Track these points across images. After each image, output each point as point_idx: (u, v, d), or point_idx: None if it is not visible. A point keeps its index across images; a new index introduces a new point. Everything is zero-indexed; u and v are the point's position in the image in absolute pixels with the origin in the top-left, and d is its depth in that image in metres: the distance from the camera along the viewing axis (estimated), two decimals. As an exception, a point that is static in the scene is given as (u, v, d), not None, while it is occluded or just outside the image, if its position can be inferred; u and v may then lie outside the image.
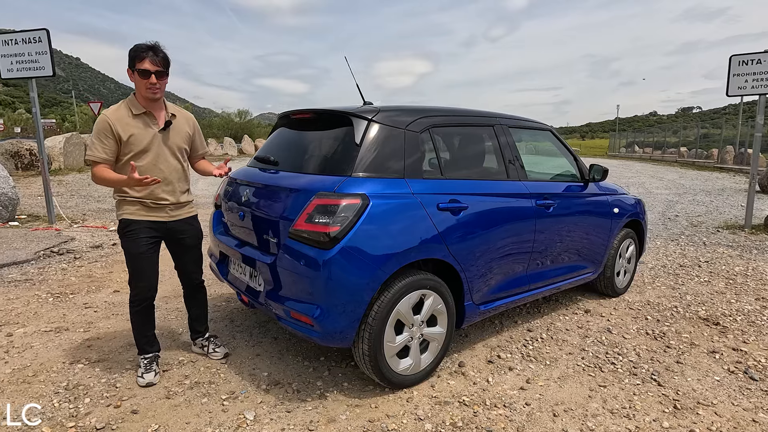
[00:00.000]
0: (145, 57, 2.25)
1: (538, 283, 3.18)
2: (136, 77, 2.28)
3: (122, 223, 2.39)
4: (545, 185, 3.23)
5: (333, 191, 2.21)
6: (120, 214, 2.40)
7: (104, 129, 2.27)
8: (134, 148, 2.31)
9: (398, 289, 2.28)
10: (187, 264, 2.65)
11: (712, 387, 2.53)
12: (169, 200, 2.44)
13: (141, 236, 2.38)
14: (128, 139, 2.29)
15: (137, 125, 2.32)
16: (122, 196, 2.38)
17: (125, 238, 2.39)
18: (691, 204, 9.39)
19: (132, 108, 2.33)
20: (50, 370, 2.58)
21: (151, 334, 2.55)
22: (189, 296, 2.75)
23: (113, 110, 2.32)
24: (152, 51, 2.28)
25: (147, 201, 2.38)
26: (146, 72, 2.26)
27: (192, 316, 2.79)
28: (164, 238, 2.51)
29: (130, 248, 2.39)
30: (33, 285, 4.06)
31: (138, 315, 2.47)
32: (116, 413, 2.18)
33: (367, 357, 2.26)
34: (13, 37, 6.25)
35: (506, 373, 2.65)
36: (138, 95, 2.36)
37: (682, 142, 28.41)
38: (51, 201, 6.65)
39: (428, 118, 2.62)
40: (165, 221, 2.46)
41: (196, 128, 2.63)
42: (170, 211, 2.47)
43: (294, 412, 2.22)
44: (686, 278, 4.50)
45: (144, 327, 2.50)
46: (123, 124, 2.29)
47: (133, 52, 2.27)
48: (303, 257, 2.18)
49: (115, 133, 2.27)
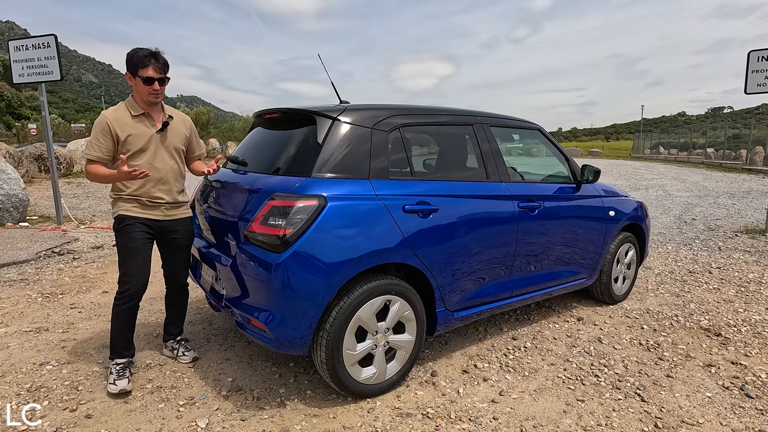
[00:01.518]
0: (149, 65, 2.33)
1: (524, 288, 3.03)
2: (139, 83, 2.34)
3: (118, 218, 2.42)
4: (530, 187, 3.08)
5: (290, 192, 2.14)
6: (115, 211, 2.44)
7: (102, 128, 2.32)
8: (132, 147, 2.36)
9: (359, 294, 2.19)
10: (175, 265, 2.65)
11: (701, 404, 2.34)
12: (165, 199, 2.47)
13: (135, 231, 2.40)
14: (126, 138, 2.34)
15: (135, 125, 2.37)
16: (118, 194, 2.42)
17: (120, 233, 2.41)
18: (711, 207, 8.97)
19: (131, 109, 2.39)
20: (19, 371, 2.59)
21: (130, 337, 2.49)
22: (171, 297, 2.75)
23: (112, 110, 2.38)
24: (154, 58, 2.34)
25: (143, 199, 2.41)
26: (150, 79, 2.34)
27: (169, 318, 2.78)
28: (157, 236, 2.52)
29: (124, 242, 2.40)
30: (27, 285, 4.12)
31: (122, 314, 2.41)
32: (70, 417, 2.15)
33: (325, 365, 2.18)
34: (24, 43, 6.43)
35: (479, 384, 2.52)
36: (137, 98, 2.41)
37: (710, 142, 27.34)
38: (59, 202, 6.80)
39: (398, 117, 2.53)
40: (160, 219, 2.48)
41: (192, 130, 2.66)
42: (166, 210, 2.49)
43: (248, 420, 2.15)
44: (693, 285, 4.25)
45: (124, 329, 2.44)
46: (121, 124, 2.34)
47: (135, 59, 2.32)
48: (256, 260, 2.11)
49: (113, 133, 2.32)
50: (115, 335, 2.43)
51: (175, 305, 2.76)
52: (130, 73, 2.37)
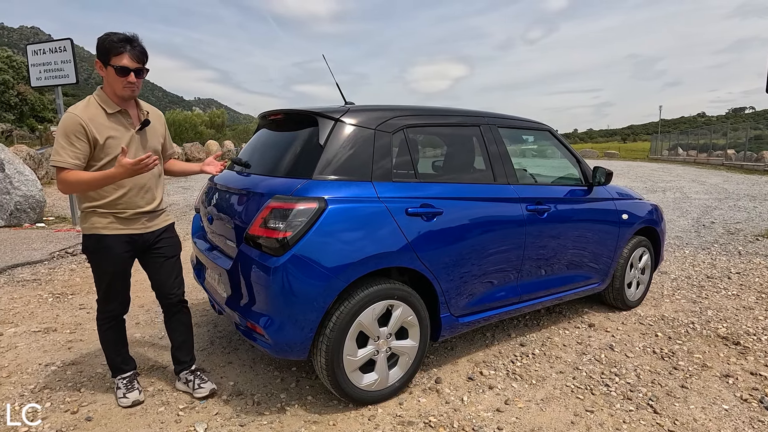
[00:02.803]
0: (123, 51, 1.95)
1: (533, 293, 2.96)
2: (111, 74, 1.97)
3: (93, 239, 2.08)
4: (539, 189, 3.00)
5: (290, 195, 2.10)
6: (89, 228, 2.09)
7: (75, 130, 1.93)
8: (111, 152, 2.01)
9: (360, 298, 2.14)
10: (164, 280, 2.29)
11: (717, 417, 2.24)
12: (146, 209, 2.17)
13: (114, 253, 2.10)
14: (105, 142, 1.99)
15: (113, 126, 2.02)
16: (92, 207, 2.07)
17: (96, 255, 2.11)
18: (731, 210, 8.71)
19: (105, 106, 2.02)
20: (24, 371, 2.60)
21: (125, 351, 2.34)
22: (169, 319, 2.37)
23: (82, 108, 1.99)
24: (129, 44, 1.98)
25: (127, 212, 2.10)
26: (125, 69, 1.97)
27: (175, 345, 2.40)
28: (139, 253, 2.23)
29: (101, 266, 2.12)
30: (39, 285, 4.18)
31: (109, 332, 2.25)
32: (71, 419, 2.15)
33: (325, 371, 2.14)
34: (42, 48, 6.56)
35: (485, 392, 2.45)
36: (109, 92, 2.04)
37: (730, 144, 26.64)
38: (74, 203, 6.91)
39: (403, 118, 2.48)
40: (141, 233, 2.17)
41: (165, 126, 2.37)
42: (146, 222, 2.19)
43: (247, 426, 2.12)
44: (712, 291, 4.11)
45: (117, 345, 2.29)
46: (97, 124, 1.98)
47: (107, 44, 1.95)
48: (255, 263, 2.08)
49: (89, 136, 1.95)
50: (110, 354, 2.29)
51: (176, 328, 2.38)
52: (100, 61, 1.98)
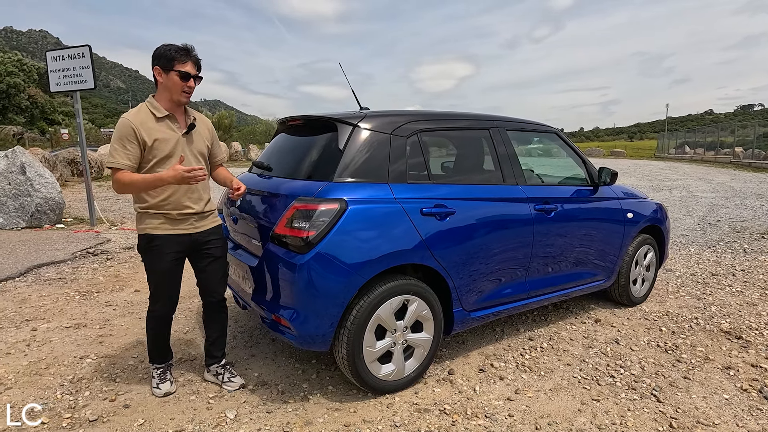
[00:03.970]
0: (188, 60, 2.18)
1: (540, 290, 3.08)
2: (174, 78, 2.16)
3: (145, 238, 2.24)
4: (546, 189, 3.13)
5: (313, 196, 2.25)
6: (142, 228, 2.25)
7: (127, 134, 2.11)
8: (158, 153, 2.17)
9: (378, 293, 2.29)
10: (210, 278, 2.44)
11: (717, 406, 2.36)
12: (194, 209, 2.29)
13: (166, 252, 2.24)
14: (153, 144, 2.15)
15: (161, 129, 2.18)
16: (144, 208, 2.23)
17: (149, 254, 2.26)
18: (737, 208, 8.76)
19: (154, 111, 2.19)
20: (61, 363, 2.77)
21: (166, 344, 2.47)
22: (209, 315, 2.54)
23: (134, 114, 2.18)
24: (189, 53, 2.20)
25: (173, 213, 2.24)
26: (187, 75, 2.17)
27: (210, 340, 2.55)
28: (189, 253, 2.36)
29: (153, 265, 2.27)
30: (65, 283, 4.36)
31: (157, 328, 2.39)
32: (110, 407, 2.31)
33: (346, 361, 2.28)
34: (61, 54, 6.77)
35: (496, 382, 2.58)
36: (162, 98, 2.22)
37: (738, 141, 26.49)
38: (92, 205, 7.12)
39: (416, 122, 2.62)
40: (190, 233, 2.30)
41: (213, 134, 2.50)
42: (195, 222, 2.31)
43: (274, 413, 2.27)
44: (716, 288, 4.21)
45: (160, 337, 2.42)
46: (147, 128, 2.15)
47: (171, 52, 2.15)
48: (281, 261, 2.23)
49: (140, 138, 2.12)
50: (152, 345, 2.43)
51: (214, 324, 2.53)
52: (160, 68, 2.17)
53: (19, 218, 6.76)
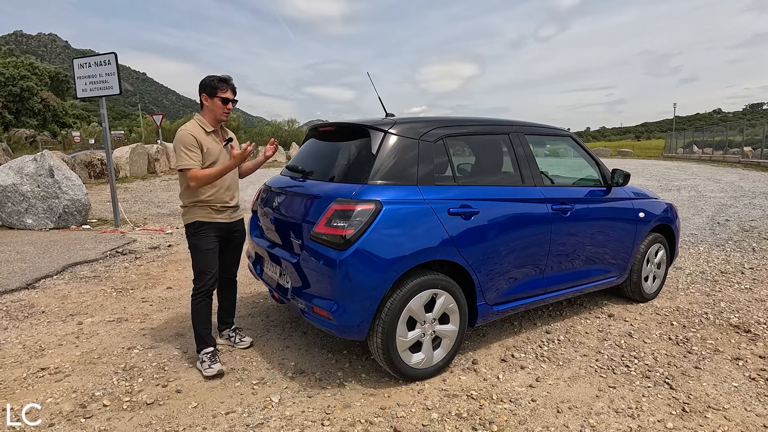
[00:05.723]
0: (228, 88, 2.75)
1: (556, 286, 3.26)
2: (217, 103, 2.74)
3: (195, 224, 2.77)
4: (562, 190, 3.30)
5: (350, 198, 2.44)
6: (191, 218, 2.77)
7: (191, 142, 2.66)
8: (208, 159, 2.73)
9: (410, 287, 2.48)
10: (231, 259, 3.05)
11: (727, 392, 2.52)
12: (231, 204, 2.87)
13: (210, 235, 2.78)
14: (206, 151, 2.72)
15: (210, 140, 2.75)
16: (193, 202, 2.76)
17: (196, 237, 2.76)
18: (746, 208, 8.86)
19: (204, 127, 2.76)
20: (111, 354, 2.99)
21: (209, 328, 2.81)
22: (223, 288, 3.09)
23: (191, 127, 2.72)
24: (228, 83, 2.76)
25: (217, 205, 2.78)
26: (227, 100, 2.75)
27: (222, 308, 3.14)
28: (223, 237, 2.88)
29: (200, 245, 2.76)
30: (100, 281, 4.59)
31: (201, 307, 2.76)
32: (163, 392, 2.52)
33: (380, 350, 2.47)
34: (87, 61, 7.03)
35: (517, 371, 2.76)
36: (208, 116, 2.78)
37: (747, 141, 26.40)
38: (117, 207, 7.37)
39: (442, 128, 2.81)
40: (227, 222, 2.87)
41: (238, 143, 3.06)
42: (231, 214, 2.90)
43: (314, 397, 2.47)
44: (725, 285, 4.36)
45: (205, 320, 2.77)
46: (202, 138, 2.71)
47: (215, 82, 2.72)
48: (322, 257, 2.43)
49: (200, 145, 2.69)
50: (199, 327, 2.76)
51: (227, 296, 3.13)
52: (206, 95, 2.74)
53: (47, 219, 7.03)
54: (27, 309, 3.78)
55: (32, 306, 3.85)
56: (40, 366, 2.80)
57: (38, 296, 4.09)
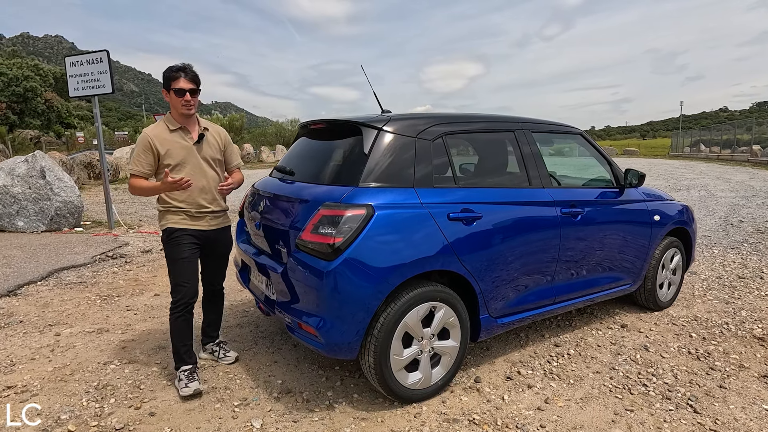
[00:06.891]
0: (179, 77, 2.45)
1: (566, 295, 3.01)
2: (172, 96, 2.47)
3: (167, 231, 2.54)
4: (572, 192, 3.06)
5: (339, 202, 2.21)
6: (164, 224, 2.56)
7: (143, 145, 2.46)
8: (171, 160, 2.48)
9: (405, 300, 2.24)
10: (214, 271, 2.80)
11: (758, 417, 2.27)
12: (210, 208, 2.60)
13: (184, 243, 2.53)
14: (165, 152, 2.47)
15: (172, 140, 2.50)
16: (166, 206, 2.54)
17: (169, 245, 2.53)
18: (759, 208, 8.55)
19: (168, 124, 2.52)
20: (86, 369, 2.77)
21: (190, 345, 2.57)
22: (208, 301, 2.87)
23: (152, 127, 2.52)
24: (183, 71, 2.47)
25: (191, 210, 2.54)
26: (181, 90, 2.46)
27: (207, 321, 2.89)
28: (203, 246, 2.63)
29: (173, 254, 2.52)
30: (86, 287, 4.39)
31: (179, 321, 2.51)
32: (135, 415, 2.30)
33: (373, 370, 2.24)
34: (79, 59, 6.84)
35: (524, 391, 2.53)
36: (174, 112, 2.55)
37: (756, 139, 25.94)
38: (111, 209, 7.18)
39: (441, 125, 2.57)
40: (205, 230, 2.61)
41: (227, 141, 2.75)
42: (210, 220, 2.63)
43: (300, 422, 2.24)
44: (744, 291, 4.10)
45: (184, 335, 2.54)
46: (161, 139, 2.48)
47: (167, 73, 2.47)
48: (308, 268, 2.20)
49: (153, 148, 2.46)
50: (177, 343, 2.52)
51: (213, 308, 2.89)
52: (165, 89, 2.50)
53: (39, 222, 6.85)
54: (4, 318, 3.58)
55: (10, 315, 3.65)
56: (6, 384, 2.59)
57: (18, 304, 3.89)
